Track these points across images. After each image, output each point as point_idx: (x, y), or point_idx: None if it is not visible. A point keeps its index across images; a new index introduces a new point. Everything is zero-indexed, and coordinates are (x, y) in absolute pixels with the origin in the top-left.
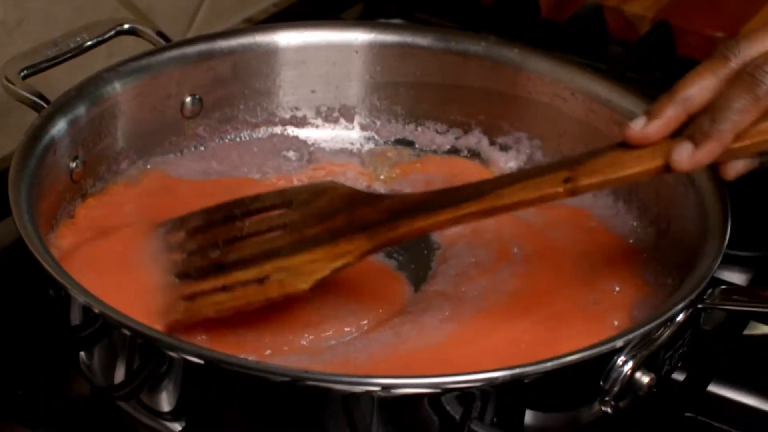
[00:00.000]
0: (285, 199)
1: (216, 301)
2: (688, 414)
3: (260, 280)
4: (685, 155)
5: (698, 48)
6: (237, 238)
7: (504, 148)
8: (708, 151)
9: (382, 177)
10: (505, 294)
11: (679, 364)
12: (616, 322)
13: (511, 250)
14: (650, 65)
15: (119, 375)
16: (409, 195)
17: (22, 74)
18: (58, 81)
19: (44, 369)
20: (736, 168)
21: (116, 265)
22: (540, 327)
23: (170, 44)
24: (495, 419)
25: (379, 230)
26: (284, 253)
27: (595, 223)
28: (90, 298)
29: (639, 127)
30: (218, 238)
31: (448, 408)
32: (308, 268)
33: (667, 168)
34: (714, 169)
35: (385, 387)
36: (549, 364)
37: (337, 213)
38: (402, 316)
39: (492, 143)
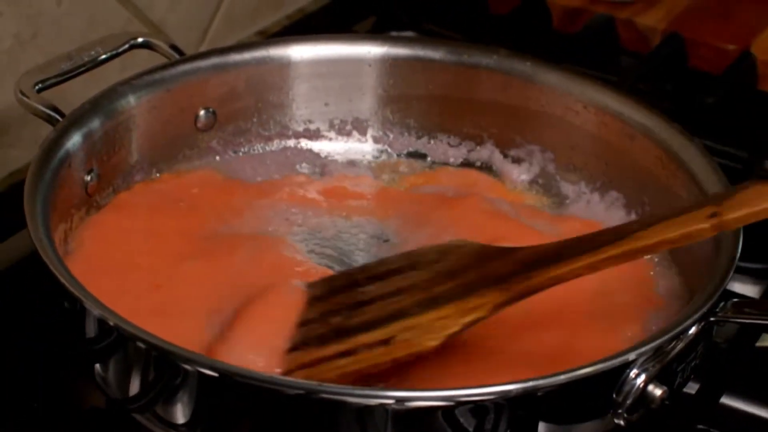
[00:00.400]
0: (411, 260)
1: (338, 366)
2: (700, 426)
3: (385, 341)
4: None
5: (710, 60)
6: (360, 303)
7: (516, 161)
8: None
9: (394, 188)
10: (518, 307)
11: (692, 377)
12: (628, 335)
13: None
14: (662, 77)
15: (134, 387)
16: (543, 245)
17: (36, 87)
18: (73, 94)
19: (60, 381)
20: None
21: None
22: (553, 339)
23: (184, 57)
24: None
25: (513, 282)
26: (411, 313)
27: None
28: (105, 311)
29: None
30: (340, 304)
31: (461, 421)
32: (437, 325)
33: None
34: (726, 180)
35: (399, 400)
36: (562, 377)
37: (466, 269)
38: None
39: (504, 156)
